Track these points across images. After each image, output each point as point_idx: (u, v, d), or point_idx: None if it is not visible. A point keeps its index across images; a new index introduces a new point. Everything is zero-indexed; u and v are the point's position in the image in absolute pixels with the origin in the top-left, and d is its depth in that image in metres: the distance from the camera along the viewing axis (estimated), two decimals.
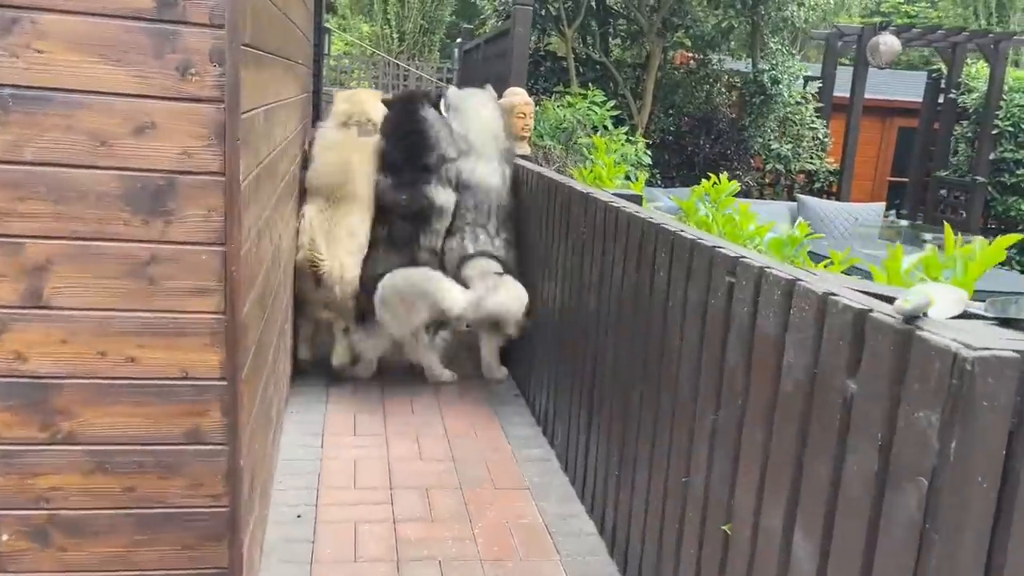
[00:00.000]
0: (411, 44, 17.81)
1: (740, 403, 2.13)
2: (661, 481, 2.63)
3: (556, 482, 3.74)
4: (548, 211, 4.25)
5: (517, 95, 5.80)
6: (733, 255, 2.23)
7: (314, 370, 4.80)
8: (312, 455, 3.81)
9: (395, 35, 18.01)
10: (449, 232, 4.83)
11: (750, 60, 10.11)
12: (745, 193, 10.21)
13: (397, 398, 4.63)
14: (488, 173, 4.85)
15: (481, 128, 4.99)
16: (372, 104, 5.27)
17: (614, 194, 3.58)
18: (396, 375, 4.91)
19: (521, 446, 4.11)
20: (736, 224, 3.51)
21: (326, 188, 4.67)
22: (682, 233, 2.56)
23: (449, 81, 15.41)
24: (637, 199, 3.62)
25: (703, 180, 10.12)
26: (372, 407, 4.42)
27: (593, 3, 9.32)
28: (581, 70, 9.11)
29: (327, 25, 9.13)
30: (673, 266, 2.59)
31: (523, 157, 5.65)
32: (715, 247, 2.34)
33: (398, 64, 16.86)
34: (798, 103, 9.90)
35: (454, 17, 17.71)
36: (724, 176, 4.89)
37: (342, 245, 4.56)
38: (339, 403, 4.43)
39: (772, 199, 10.34)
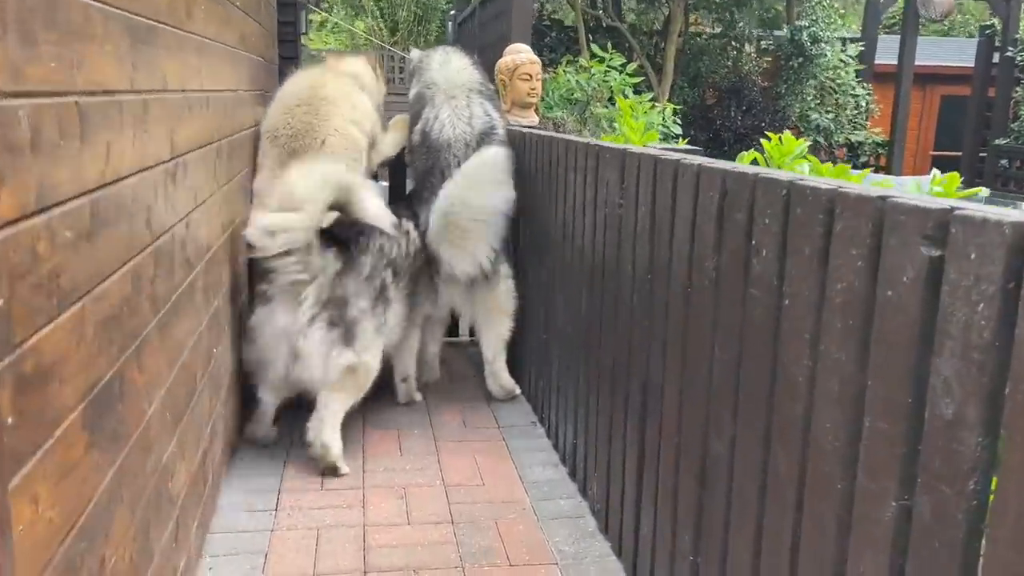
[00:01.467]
0: (405, 34, 16.82)
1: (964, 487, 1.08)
2: None
3: (595, 553, 2.69)
4: (562, 182, 3.20)
5: (519, 52, 4.76)
6: (940, 207, 1.18)
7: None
8: (259, 524, 2.78)
9: (386, 26, 17.04)
10: (420, 204, 3.80)
11: (774, 19, 9.01)
12: None
13: (381, 431, 3.59)
14: (448, 121, 3.80)
15: (447, 75, 3.99)
16: (358, 62, 4.28)
17: (663, 149, 2.54)
18: (381, 396, 3.86)
19: (543, 495, 3.07)
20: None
21: (281, 136, 3.66)
22: (818, 185, 1.51)
23: None
24: (697, 154, 2.57)
25: (735, 156, 9.08)
26: (347, 446, 3.37)
27: None
28: (592, 38, 8.07)
29: (303, 1, 8.12)
30: (793, 237, 1.54)
31: (530, 128, 4.61)
32: (897, 200, 1.28)
33: (392, 54, 15.87)
34: (839, 66, 8.78)
35: (449, 4, 16.71)
36: (788, 134, 3.82)
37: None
38: (303, 447, 3.39)
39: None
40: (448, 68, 4.00)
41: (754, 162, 3.75)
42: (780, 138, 3.73)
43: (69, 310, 1.30)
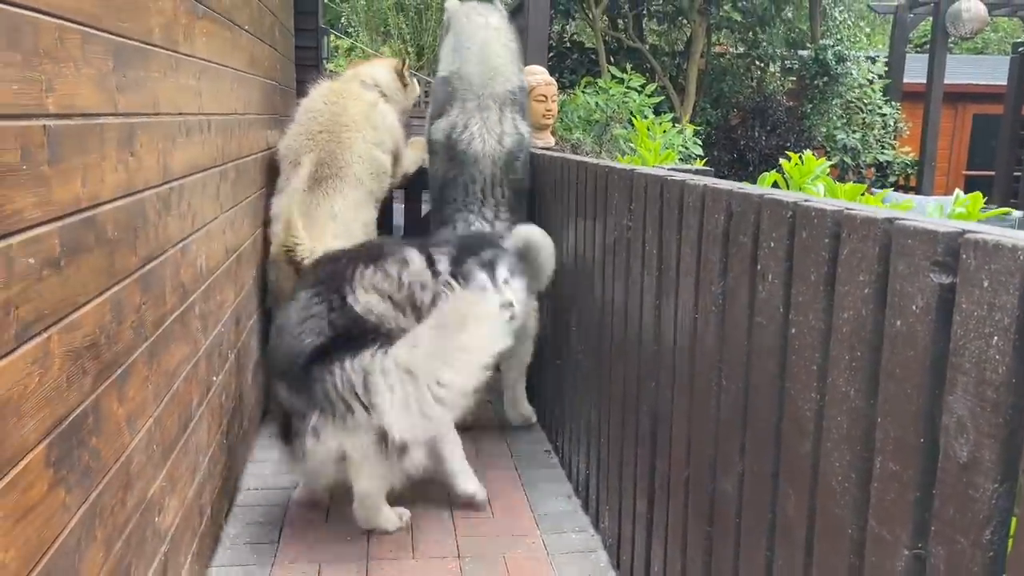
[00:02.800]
0: (430, 58, 16.92)
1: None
2: None
3: None
4: (572, 204, 3.12)
5: (535, 75, 4.70)
6: (949, 230, 1.09)
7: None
8: (261, 557, 2.71)
9: (412, 50, 17.15)
10: (441, 221, 3.73)
11: (798, 38, 8.87)
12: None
13: None
14: (478, 133, 3.71)
15: (484, 72, 3.78)
16: (380, 66, 4.23)
17: (671, 169, 2.45)
18: None
19: (554, 528, 2.97)
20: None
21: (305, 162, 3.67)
22: (823, 207, 1.42)
23: None
24: (706, 174, 2.48)
25: (759, 176, 8.96)
26: None
27: None
28: (613, 60, 8.00)
29: (325, 26, 8.17)
30: (799, 262, 1.45)
31: (546, 149, 4.54)
32: (905, 223, 1.19)
33: (418, 79, 15.97)
34: (864, 85, 8.60)
35: None
36: (809, 154, 3.72)
37: (325, 229, 3.52)
38: None
39: None
40: (486, 60, 3.77)
41: (775, 184, 3.65)
42: (800, 158, 3.63)
43: (30, 342, 1.25)
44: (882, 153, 9.03)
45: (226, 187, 2.87)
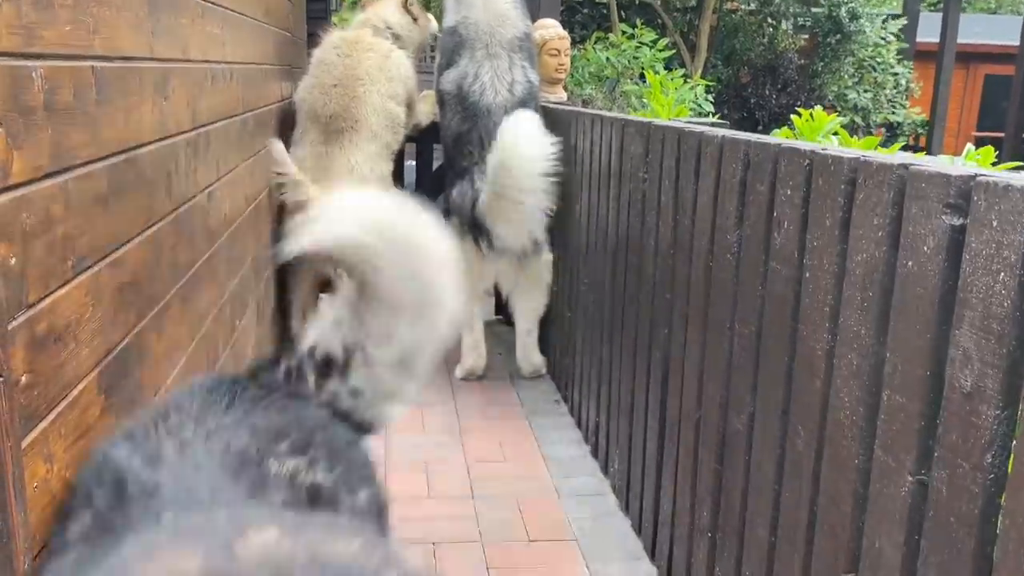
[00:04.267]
0: (437, 11, 16.75)
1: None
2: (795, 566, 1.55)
3: (615, 530, 2.69)
4: (587, 156, 3.17)
5: (547, 28, 4.70)
6: (962, 174, 1.14)
7: None
8: None
9: (419, 1, 16.96)
10: (456, 174, 3.77)
11: None
12: None
13: None
14: (489, 84, 3.74)
15: (491, 19, 3.79)
16: (388, 6, 4.21)
17: (688, 122, 2.50)
18: None
19: (564, 473, 3.07)
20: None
21: (321, 116, 3.69)
22: (841, 154, 1.47)
23: None
24: (722, 126, 2.52)
25: (769, 135, 8.94)
26: None
27: None
28: (624, 15, 7.94)
29: None
30: (815, 208, 1.51)
31: (557, 103, 4.56)
32: (919, 168, 1.25)
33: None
34: (879, 44, 8.53)
35: None
36: (819, 110, 3.74)
37: (340, 182, 3.57)
38: None
39: None
40: (492, 7, 3.79)
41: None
42: (811, 115, 3.65)
43: (85, 273, 1.31)
44: (893, 113, 8.99)
45: (246, 136, 2.92)
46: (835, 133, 3.46)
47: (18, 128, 1.09)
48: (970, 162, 2.35)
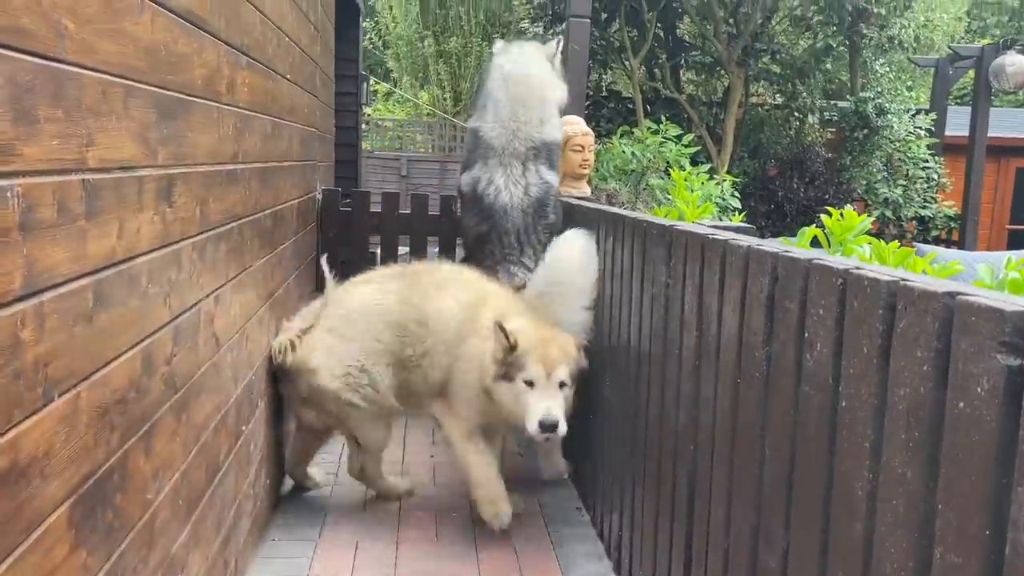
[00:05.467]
0: (467, 104, 17.14)
1: None
2: None
3: None
4: (610, 255, 3.08)
5: (572, 124, 4.70)
6: (1019, 309, 1.03)
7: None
8: None
9: (449, 96, 17.41)
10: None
11: (838, 90, 8.80)
12: None
13: (418, 512, 3.44)
14: (504, 186, 3.70)
15: (506, 113, 3.78)
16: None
17: (712, 226, 2.41)
18: (417, 474, 3.73)
19: None
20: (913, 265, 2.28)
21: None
22: (878, 276, 1.35)
23: None
24: (748, 231, 2.43)
25: (798, 229, 8.82)
26: (380, 533, 3.24)
27: (661, 32, 8.21)
28: (649, 109, 7.99)
29: (365, 73, 8.30)
30: (850, 332, 1.39)
31: (582, 199, 4.52)
32: (968, 298, 1.13)
33: (454, 124, 16.16)
34: (908, 139, 8.48)
35: None
36: (850, 210, 3.65)
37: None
38: (337, 529, 3.26)
39: None
40: (512, 117, 3.77)
41: (814, 240, 3.58)
42: (842, 214, 3.56)
43: (58, 399, 1.22)
44: (924, 207, 8.88)
45: (262, 235, 2.87)
46: (868, 241, 3.35)
47: None
48: (1012, 272, 2.22)
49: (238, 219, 2.48)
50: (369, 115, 16.48)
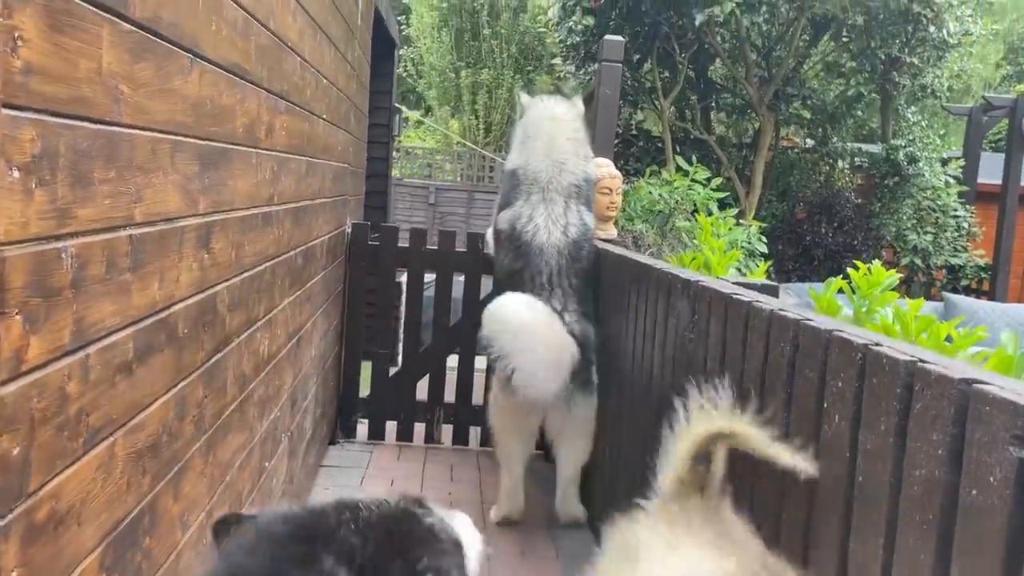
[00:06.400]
0: (497, 135, 17.33)
1: None
2: None
3: None
4: (634, 304, 3.11)
5: (600, 167, 4.75)
6: None
7: None
8: None
9: (482, 126, 17.61)
10: None
11: (872, 133, 8.80)
12: None
13: None
14: (543, 224, 3.74)
15: (545, 151, 3.84)
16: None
17: (736, 283, 2.43)
18: None
19: None
20: (935, 330, 2.27)
21: None
22: (896, 356, 1.37)
23: None
24: (772, 291, 2.45)
25: (826, 274, 8.77)
26: None
27: (693, 74, 8.28)
28: (679, 149, 8.05)
29: (398, 105, 8.43)
30: (868, 407, 1.40)
31: (608, 241, 4.56)
32: (983, 388, 1.15)
33: (483, 154, 16.33)
34: (939, 187, 8.44)
35: None
36: (877, 264, 3.65)
37: None
38: None
39: (907, 297, 8.79)
40: (551, 154, 3.84)
41: (840, 292, 3.58)
42: (869, 268, 3.56)
43: (96, 447, 1.28)
44: (954, 255, 8.81)
45: (293, 273, 2.94)
46: (895, 297, 3.34)
47: (39, 312, 1.08)
48: None
49: (271, 259, 2.54)
50: (400, 142, 16.69)
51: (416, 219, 15.84)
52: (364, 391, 4.84)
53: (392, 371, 4.87)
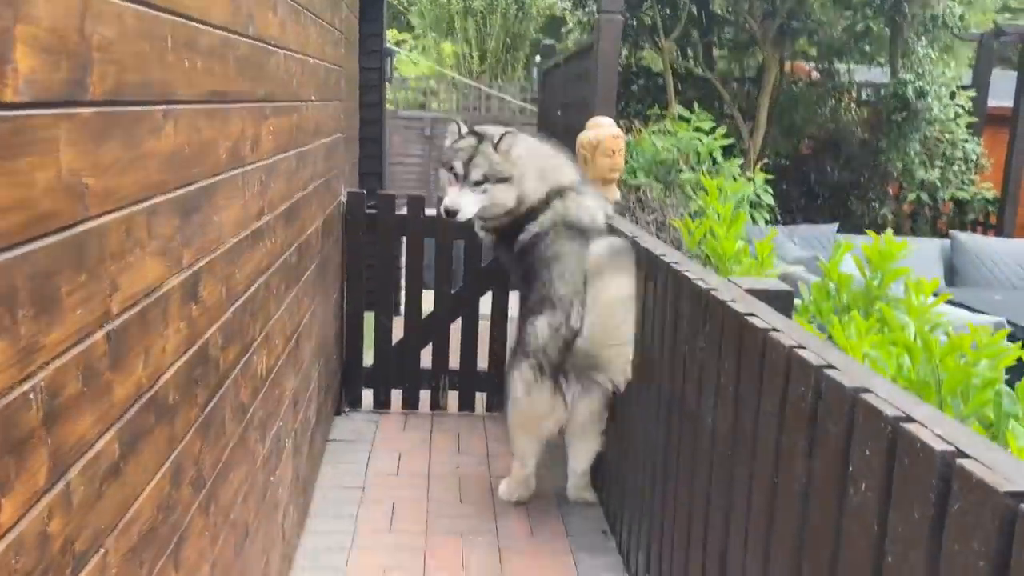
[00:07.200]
0: (493, 63, 16.86)
1: None
2: None
3: None
4: (642, 288, 3.03)
5: (602, 127, 4.59)
6: None
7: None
8: None
9: (476, 54, 17.11)
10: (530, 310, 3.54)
11: (880, 67, 8.50)
12: (879, 228, 8.61)
13: (443, 536, 3.46)
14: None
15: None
16: None
17: (749, 290, 2.33)
18: (444, 494, 3.75)
19: None
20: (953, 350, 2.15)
21: None
22: (932, 444, 1.28)
23: (533, 102, 14.32)
24: (787, 298, 2.35)
25: (831, 213, 8.60)
26: (406, 552, 3.26)
27: (695, 10, 7.95)
28: (680, 87, 7.79)
29: (391, 46, 8.13)
30: (900, 490, 1.33)
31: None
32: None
33: (479, 87, 15.93)
34: (948, 120, 8.20)
35: (539, 34, 16.68)
36: (889, 234, 3.55)
37: None
38: (364, 552, 3.28)
39: (913, 234, 8.66)
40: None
41: (849, 263, 3.47)
42: (882, 239, 3.45)
43: (84, 569, 1.20)
44: (961, 189, 8.64)
45: (288, 274, 2.84)
46: (915, 294, 3.23)
47: (8, 471, 0.99)
48: None
49: (264, 272, 2.44)
50: (395, 68, 16.14)
51: (412, 153, 15.56)
52: (368, 359, 4.78)
53: (395, 328, 4.76)
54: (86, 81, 1.18)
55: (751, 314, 2.04)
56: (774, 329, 1.90)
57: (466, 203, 3.47)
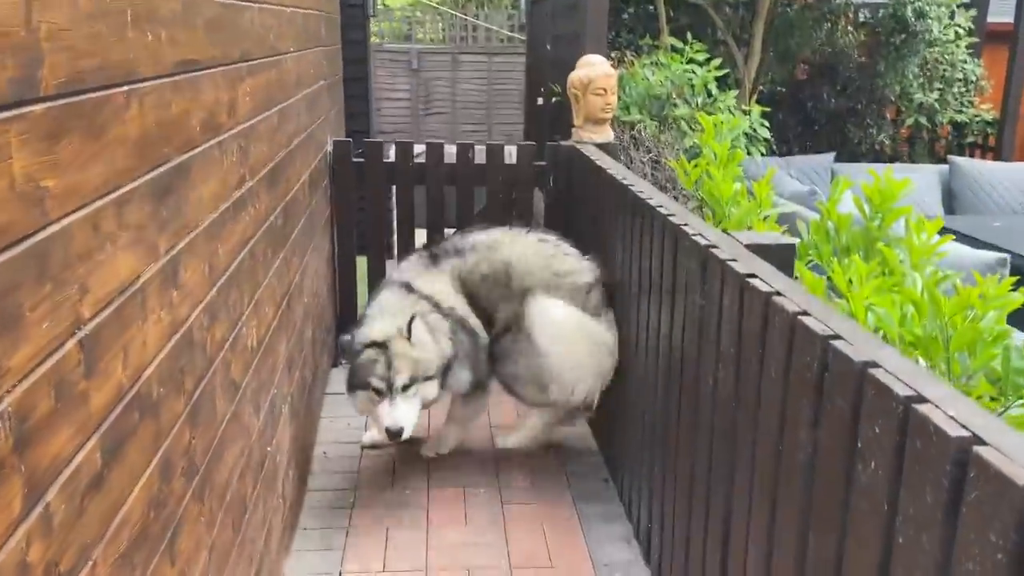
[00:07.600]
0: None
1: None
2: None
3: None
4: (637, 242, 2.96)
5: (593, 66, 4.44)
6: None
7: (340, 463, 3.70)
8: None
9: None
10: None
11: None
12: (877, 154, 8.48)
13: (446, 488, 3.47)
14: None
15: None
16: None
17: (749, 246, 2.26)
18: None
19: None
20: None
21: None
22: (947, 429, 1.23)
23: (521, 30, 13.93)
24: (789, 252, 2.28)
25: (827, 141, 8.44)
26: (409, 517, 3.27)
27: None
28: (672, 14, 7.56)
29: None
30: (911, 472, 1.29)
31: (603, 146, 4.32)
32: None
33: (465, 17, 15.49)
34: (947, 41, 7.98)
35: None
36: (889, 171, 3.46)
37: None
38: (365, 516, 3.28)
39: (911, 159, 8.53)
40: None
41: (847, 203, 3.39)
42: (882, 178, 3.36)
43: None
44: (960, 112, 8.47)
45: (275, 238, 2.76)
46: (907, 207, 3.17)
47: None
48: None
49: (248, 241, 2.36)
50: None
51: (399, 87, 15.21)
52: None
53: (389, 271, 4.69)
54: (36, 76, 1.09)
55: (752, 275, 1.97)
56: (777, 293, 1.84)
57: (407, 417, 3.12)
